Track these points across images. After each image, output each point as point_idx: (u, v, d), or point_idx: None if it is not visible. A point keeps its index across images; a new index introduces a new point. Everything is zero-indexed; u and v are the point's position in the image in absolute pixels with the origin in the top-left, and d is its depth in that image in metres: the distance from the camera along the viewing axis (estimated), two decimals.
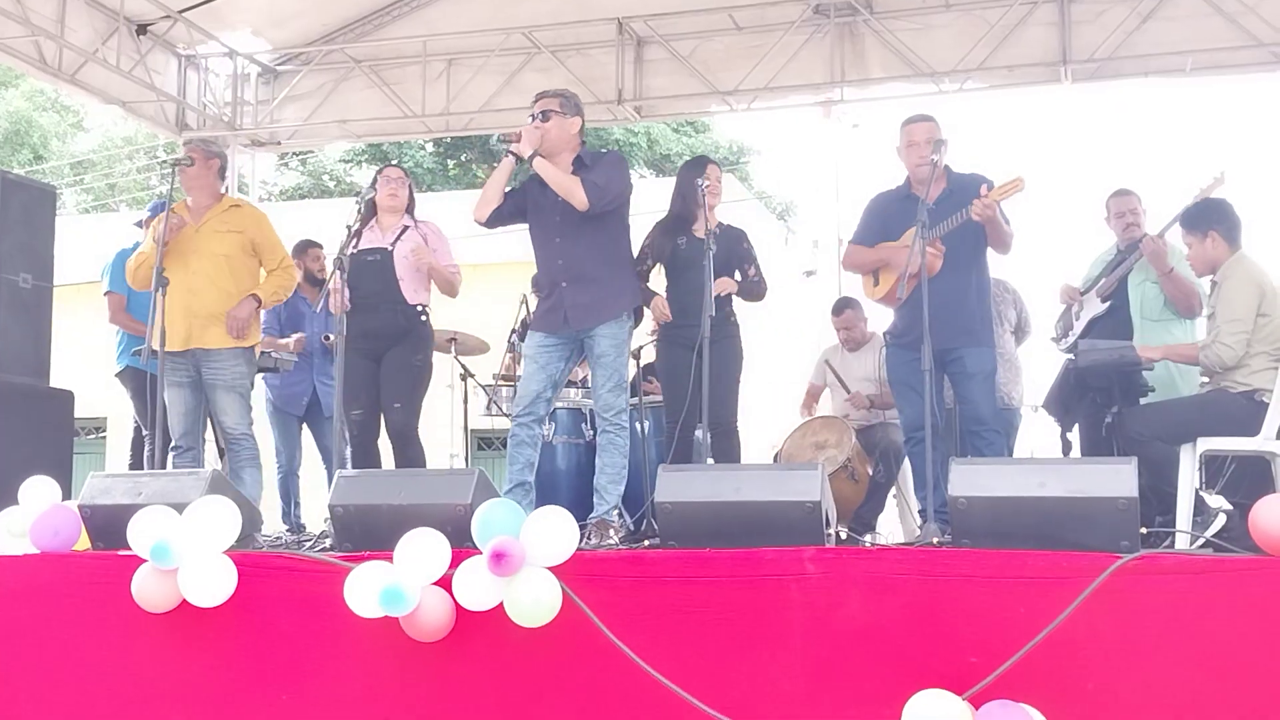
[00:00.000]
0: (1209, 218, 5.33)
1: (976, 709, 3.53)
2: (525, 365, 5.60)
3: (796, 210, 26.27)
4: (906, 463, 6.57)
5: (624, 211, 5.62)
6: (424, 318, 6.17)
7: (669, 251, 6.07)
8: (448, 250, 6.28)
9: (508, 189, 5.57)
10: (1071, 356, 5.79)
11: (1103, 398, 5.49)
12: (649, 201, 6.33)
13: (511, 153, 5.41)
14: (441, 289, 6.28)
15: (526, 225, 5.65)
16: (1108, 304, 6.30)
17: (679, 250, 6.03)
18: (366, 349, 5.84)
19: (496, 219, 5.56)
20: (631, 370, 7.32)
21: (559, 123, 5.48)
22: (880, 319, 6.62)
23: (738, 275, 6.04)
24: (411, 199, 6.35)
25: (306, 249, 7.55)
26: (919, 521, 5.72)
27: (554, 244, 5.53)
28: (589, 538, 5.23)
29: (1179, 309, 6.15)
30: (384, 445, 6.23)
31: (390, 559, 4.03)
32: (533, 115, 5.48)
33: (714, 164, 6.16)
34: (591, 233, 5.47)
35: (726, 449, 5.86)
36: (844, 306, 7.75)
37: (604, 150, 5.86)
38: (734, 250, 6.03)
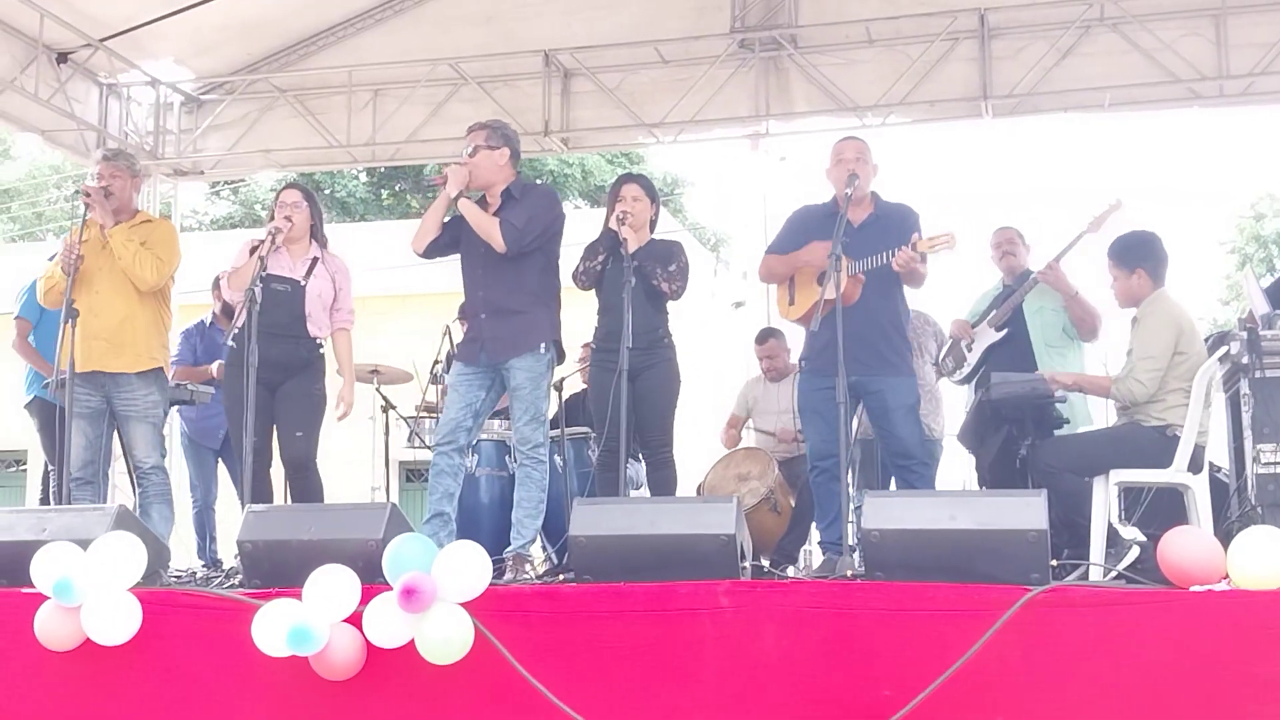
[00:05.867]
0: (1138, 254, 5.28)
1: None
2: (449, 394, 5.62)
3: (730, 242, 26.40)
4: None
5: (552, 247, 5.60)
6: (321, 349, 6.04)
7: (586, 273, 5.87)
8: (349, 293, 6.13)
9: (447, 218, 5.64)
10: (969, 385, 5.78)
11: (1017, 429, 5.52)
12: (582, 233, 6.26)
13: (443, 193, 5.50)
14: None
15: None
16: (1004, 331, 6.35)
17: (593, 271, 5.84)
18: (263, 378, 5.67)
19: (434, 250, 5.66)
20: (554, 404, 7.30)
21: (486, 156, 5.54)
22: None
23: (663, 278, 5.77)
24: (316, 218, 6.08)
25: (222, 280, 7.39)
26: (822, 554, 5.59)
27: (477, 275, 5.59)
28: (506, 572, 5.19)
29: (1081, 332, 6.20)
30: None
31: (299, 596, 3.97)
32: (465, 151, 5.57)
33: (633, 181, 5.92)
34: (514, 266, 5.49)
35: (660, 480, 5.73)
36: (768, 335, 7.76)
37: (536, 183, 5.87)
38: (659, 257, 5.76)
